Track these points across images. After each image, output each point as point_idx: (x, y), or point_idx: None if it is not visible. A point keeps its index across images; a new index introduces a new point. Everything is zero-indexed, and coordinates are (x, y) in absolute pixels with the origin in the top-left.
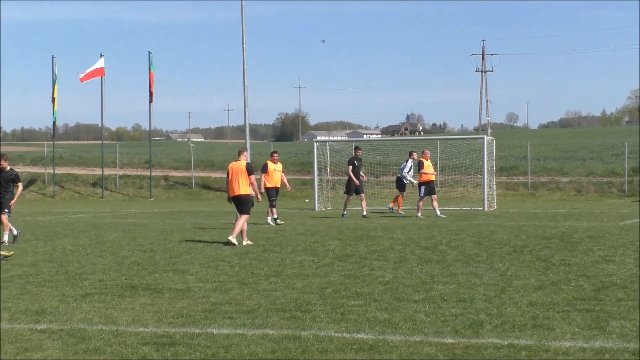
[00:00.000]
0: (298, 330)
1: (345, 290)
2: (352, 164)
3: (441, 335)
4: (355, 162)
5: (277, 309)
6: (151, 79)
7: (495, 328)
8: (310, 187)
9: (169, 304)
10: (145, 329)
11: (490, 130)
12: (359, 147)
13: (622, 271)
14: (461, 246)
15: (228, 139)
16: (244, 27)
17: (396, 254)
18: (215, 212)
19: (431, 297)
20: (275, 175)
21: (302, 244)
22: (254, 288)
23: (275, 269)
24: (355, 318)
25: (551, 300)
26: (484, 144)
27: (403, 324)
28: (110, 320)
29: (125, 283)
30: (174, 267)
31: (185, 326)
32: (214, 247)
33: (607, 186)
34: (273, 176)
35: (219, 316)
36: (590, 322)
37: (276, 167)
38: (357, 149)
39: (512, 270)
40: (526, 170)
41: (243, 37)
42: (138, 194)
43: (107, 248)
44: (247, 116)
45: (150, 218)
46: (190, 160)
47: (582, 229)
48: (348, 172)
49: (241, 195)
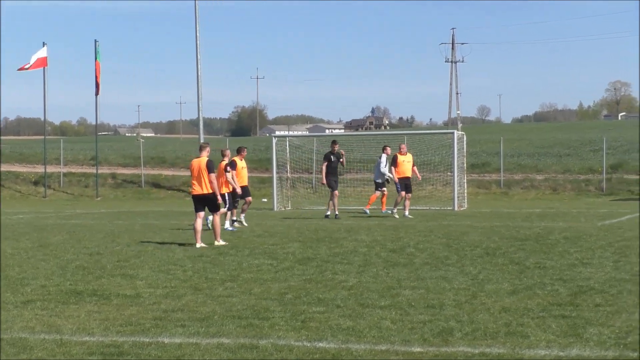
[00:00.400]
0: (256, 339)
1: (306, 296)
2: (329, 159)
3: (408, 343)
4: (332, 157)
5: (233, 316)
6: (97, 70)
7: (466, 336)
8: (268, 185)
9: (117, 311)
10: (92, 338)
11: (461, 125)
12: (336, 141)
13: (600, 275)
14: (430, 248)
15: (180, 134)
16: (197, 13)
17: (360, 257)
18: (166, 213)
19: (398, 303)
20: (244, 173)
21: (259, 247)
22: (209, 294)
23: (231, 273)
24: (317, 326)
25: (525, 305)
26: (454, 139)
27: (368, 331)
28: (53, 329)
29: (70, 289)
30: (122, 271)
31: (135, 335)
32: (165, 250)
33: (585, 184)
34: (242, 174)
35: (171, 324)
36: (566, 329)
37: (243, 164)
38: (335, 143)
39: (484, 274)
40: (499, 167)
41: (196, 24)
42: (83, 193)
43: (51, 251)
44: (201, 109)
45: (96, 219)
46: (139, 156)
47: (558, 229)
48: (322, 167)
49: (205, 194)
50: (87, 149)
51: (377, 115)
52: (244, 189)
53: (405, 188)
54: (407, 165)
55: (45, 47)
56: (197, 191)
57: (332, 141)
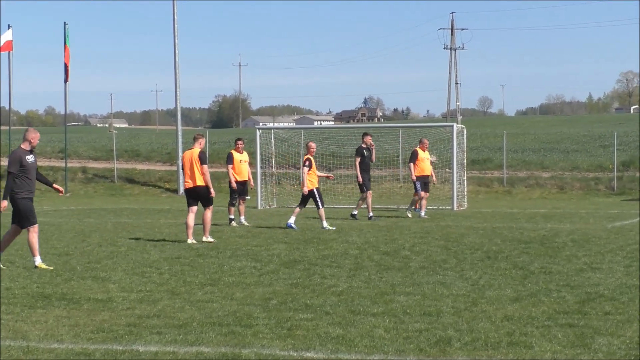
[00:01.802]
0: (238, 348)
1: (293, 302)
2: (362, 154)
3: (403, 353)
4: (364, 151)
5: (214, 323)
6: (66, 54)
7: (465, 346)
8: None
9: (88, 316)
10: (60, 345)
11: (461, 117)
12: (368, 133)
13: (610, 280)
14: (426, 251)
15: (156, 124)
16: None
17: (351, 260)
18: (141, 210)
19: (392, 310)
20: (243, 167)
21: (242, 248)
22: (187, 299)
23: (211, 276)
24: (304, 334)
25: (529, 313)
26: (453, 132)
27: (359, 341)
28: (19, 335)
29: (37, 292)
30: (93, 273)
31: (107, 342)
32: (139, 251)
33: (594, 183)
34: (240, 168)
35: (146, 331)
36: (573, 338)
37: (242, 157)
38: (367, 135)
39: (484, 279)
40: (501, 164)
41: (174, 4)
42: (51, 188)
43: (16, 251)
44: (179, 98)
45: (65, 216)
46: (112, 149)
47: (565, 231)
48: (355, 164)
49: (198, 186)
50: (55, 141)
51: (370, 106)
52: (240, 185)
53: (424, 187)
54: (427, 162)
55: (11, 29)
56: (189, 184)
57: (364, 133)
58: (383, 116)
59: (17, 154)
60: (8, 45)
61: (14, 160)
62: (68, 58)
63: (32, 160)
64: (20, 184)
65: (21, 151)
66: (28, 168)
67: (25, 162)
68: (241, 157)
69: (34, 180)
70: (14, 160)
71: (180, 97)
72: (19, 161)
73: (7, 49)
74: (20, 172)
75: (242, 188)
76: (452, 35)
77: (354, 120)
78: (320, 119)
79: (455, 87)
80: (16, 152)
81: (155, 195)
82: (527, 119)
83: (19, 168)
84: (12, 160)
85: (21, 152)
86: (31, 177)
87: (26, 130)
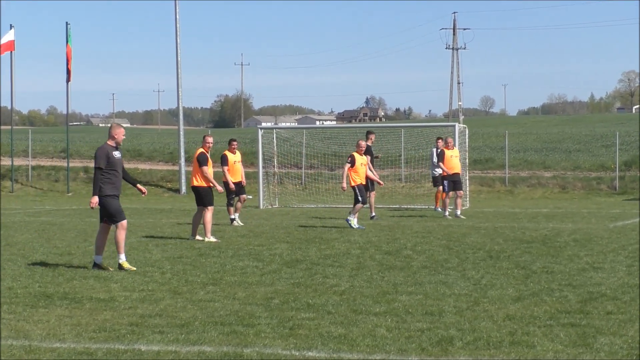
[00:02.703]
0: (240, 347)
1: (295, 301)
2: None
3: (405, 353)
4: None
5: (216, 323)
6: (68, 54)
7: (467, 345)
8: (254, 181)
9: (90, 315)
10: (62, 344)
11: (463, 117)
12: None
13: (612, 280)
14: (428, 250)
15: (158, 124)
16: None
17: (353, 260)
18: (142, 210)
19: (394, 309)
20: (237, 168)
21: (244, 248)
22: (189, 298)
23: (213, 276)
24: (306, 333)
25: (531, 313)
26: (455, 132)
27: (361, 340)
28: (21, 334)
29: (39, 291)
30: (95, 273)
31: (109, 342)
32: (141, 251)
33: (596, 182)
34: (234, 169)
35: (148, 330)
36: (575, 338)
37: (236, 157)
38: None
39: (486, 278)
40: (503, 164)
41: (176, 4)
42: (53, 187)
43: (18, 251)
44: (181, 98)
45: (67, 216)
46: None
47: (567, 231)
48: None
49: (194, 186)
50: (57, 140)
51: (372, 106)
52: (238, 185)
53: (455, 186)
54: (457, 160)
55: (13, 29)
56: (191, 183)
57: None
58: (385, 116)
59: (104, 150)
60: (10, 45)
61: (101, 156)
62: (70, 58)
63: (118, 156)
64: (106, 181)
65: (108, 147)
66: (115, 164)
67: (112, 158)
68: (235, 158)
69: (120, 177)
70: (101, 155)
71: (182, 97)
72: (107, 157)
73: (9, 49)
74: (107, 168)
75: (239, 188)
76: (454, 35)
77: (356, 120)
78: (322, 118)
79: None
80: (103, 147)
81: (157, 195)
82: (529, 119)
83: (106, 164)
84: (99, 155)
85: (108, 147)
86: (118, 173)
87: (110, 127)
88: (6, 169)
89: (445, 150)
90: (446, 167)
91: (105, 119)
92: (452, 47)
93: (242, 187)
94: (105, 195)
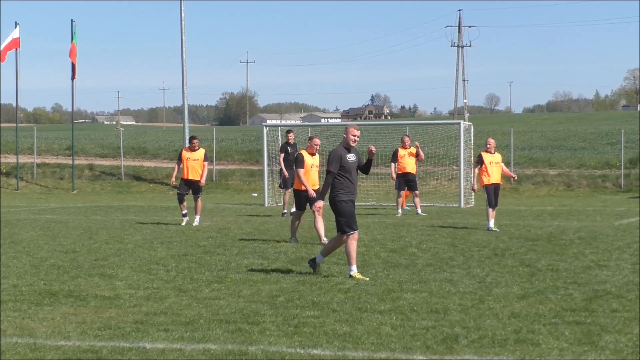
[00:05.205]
0: (245, 345)
1: (300, 299)
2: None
3: (410, 351)
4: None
5: (221, 321)
6: (73, 52)
7: (472, 343)
8: (259, 178)
9: (95, 313)
10: (67, 342)
11: (468, 115)
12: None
13: (618, 278)
14: (433, 248)
15: (163, 122)
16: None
17: (358, 257)
18: (147, 207)
19: (399, 307)
20: (193, 165)
21: (249, 245)
22: (194, 296)
23: (218, 274)
24: (311, 331)
25: (536, 311)
26: (460, 130)
27: (366, 338)
28: (26, 332)
29: (44, 289)
30: (100, 271)
31: (114, 339)
32: (146, 248)
33: (601, 180)
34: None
35: (153, 328)
36: (580, 336)
37: (190, 155)
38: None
39: (491, 276)
40: (508, 161)
41: (181, 2)
42: (58, 185)
43: (23, 248)
44: (186, 96)
45: (72, 214)
46: (119, 146)
47: (572, 229)
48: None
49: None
50: (62, 138)
51: (377, 103)
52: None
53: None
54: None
55: (18, 27)
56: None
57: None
58: (390, 113)
59: (337, 152)
60: (15, 43)
61: (333, 159)
62: (75, 55)
63: (353, 159)
64: (340, 185)
65: (341, 149)
66: (348, 168)
67: (344, 161)
68: (189, 155)
69: (355, 181)
70: (333, 158)
71: (187, 95)
72: (339, 160)
73: (14, 47)
74: (341, 172)
75: (193, 186)
76: (459, 33)
77: (361, 118)
78: (328, 116)
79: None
80: (337, 150)
81: (162, 192)
82: (534, 117)
83: (339, 167)
84: (331, 158)
85: (341, 150)
86: (352, 178)
87: (346, 129)
88: (11, 167)
89: (400, 150)
90: (398, 166)
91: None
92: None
93: (196, 186)
94: (339, 201)
